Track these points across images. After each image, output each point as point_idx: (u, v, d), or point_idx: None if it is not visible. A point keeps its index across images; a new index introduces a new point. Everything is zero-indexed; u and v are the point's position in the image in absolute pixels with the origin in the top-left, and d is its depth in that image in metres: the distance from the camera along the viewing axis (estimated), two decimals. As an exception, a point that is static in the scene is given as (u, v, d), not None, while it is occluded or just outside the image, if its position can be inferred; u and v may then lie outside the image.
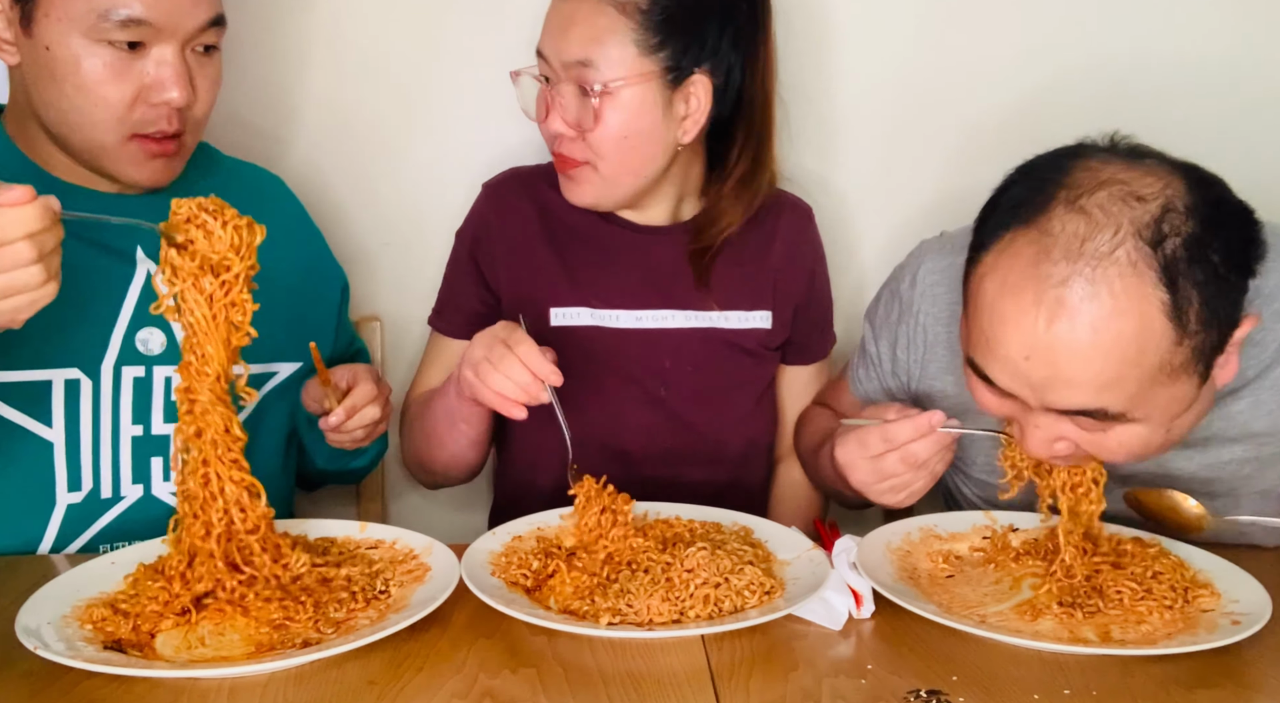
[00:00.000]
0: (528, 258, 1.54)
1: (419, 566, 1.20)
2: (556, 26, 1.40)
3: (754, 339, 1.56)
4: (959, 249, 1.39)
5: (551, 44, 1.41)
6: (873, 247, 1.84)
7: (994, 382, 1.12)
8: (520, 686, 1.00)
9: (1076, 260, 1.04)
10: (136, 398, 1.35)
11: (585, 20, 1.38)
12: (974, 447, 1.40)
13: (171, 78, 1.26)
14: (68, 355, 1.31)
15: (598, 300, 1.53)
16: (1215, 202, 1.07)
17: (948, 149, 1.81)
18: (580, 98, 1.40)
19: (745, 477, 1.62)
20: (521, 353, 1.25)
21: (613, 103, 1.39)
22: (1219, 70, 1.78)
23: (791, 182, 1.67)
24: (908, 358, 1.43)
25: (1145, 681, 1.01)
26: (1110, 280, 1.03)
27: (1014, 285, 1.07)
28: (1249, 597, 1.11)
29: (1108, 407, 1.08)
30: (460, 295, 1.58)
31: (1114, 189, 1.05)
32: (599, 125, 1.40)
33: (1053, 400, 1.09)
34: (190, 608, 1.08)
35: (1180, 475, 1.29)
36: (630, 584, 1.12)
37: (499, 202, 1.57)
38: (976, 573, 1.22)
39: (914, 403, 1.45)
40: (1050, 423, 1.12)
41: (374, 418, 1.35)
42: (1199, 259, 1.04)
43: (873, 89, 1.80)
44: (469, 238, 1.58)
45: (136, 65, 1.25)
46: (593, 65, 1.37)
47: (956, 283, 1.38)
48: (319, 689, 0.99)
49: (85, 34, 1.22)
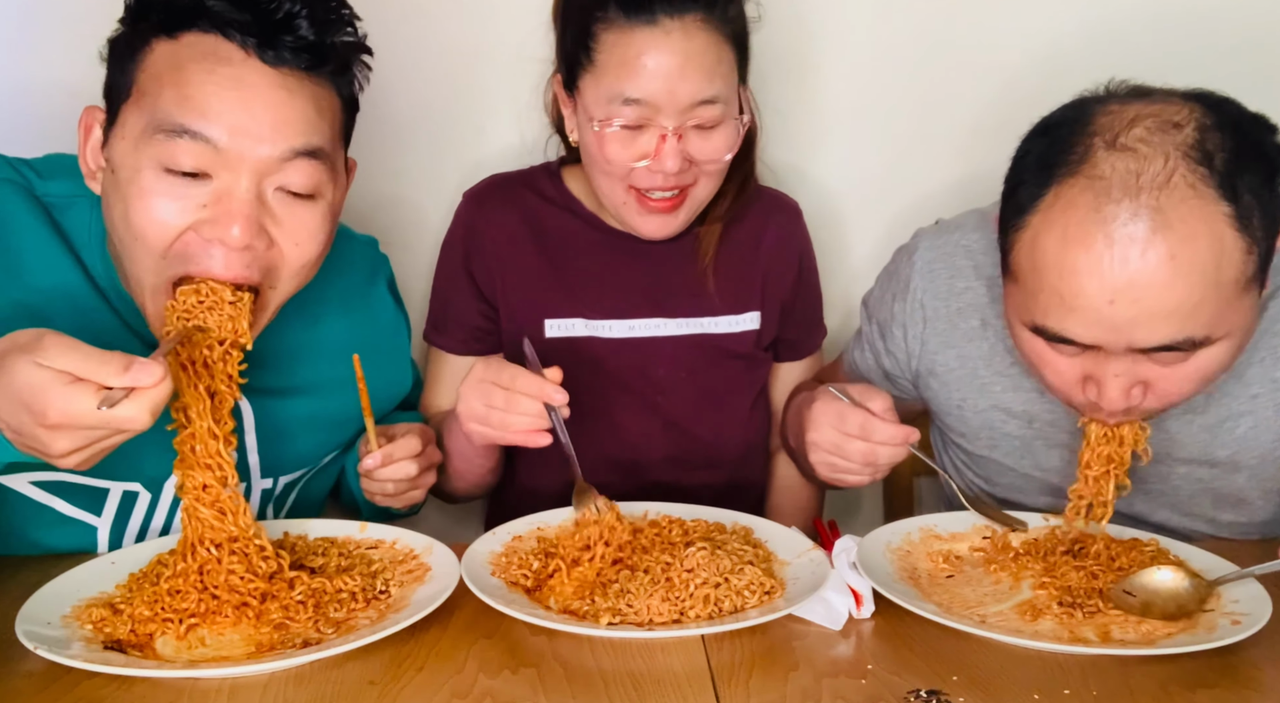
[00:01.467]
0: (520, 268, 1.54)
1: (419, 566, 1.20)
2: (665, 71, 1.34)
3: (745, 342, 1.56)
4: (954, 229, 1.42)
5: (661, 88, 1.35)
6: (865, 243, 1.85)
7: (1074, 340, 1.12)
8: (520, 686, 1.00)
9: (1138, 195, 1.05)
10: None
11: (699, 55, 1.35)
12: (976, 419, 1.41)
13: (231, 213, 1.09)
14: (131, 472, 1.24)
15: (591, 311, 1.53)
16: (1237, 116, 1.10)
17: (942, 144, 1.82)
18: (702, 132, 1.39)
19: (744, 479, 1.62)
20: (521, 387, 1.24)
21: (727, 128, 1.40)
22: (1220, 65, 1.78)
23: (782, 179, 1.67)
24: (904, 336, 1.44)
25: (1145, 681, 1.01)
26: (1176, 205, 1.04)
27: (1079, 235, 1.07)
28: (1249, 597, 1.11)
29: (1193, 335, 1.08)
30: (459, 310, 1.57)
31: (1147, 122, 1.08)
32: (719, 152, 1.41)
33: (1140, 339, 1.09)
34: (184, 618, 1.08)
35: (1183, 440, 1.31)
36: (630, 584, 1.12)
37: (485, 211, 1.56)
38: (976, 573, 1.22)
39: (915, 381, 1.46)
40: (1130, 366, 1.12)
41: (408, 474, 1.29)
42: (1247, 168, 1.06)
43: (866, 85, 1.80)
44: (460, 250, 1.56)
45: (194, 192, 1.09)
46: (717, 100, 1.37)
47: (954, 258, 1.40)
48: (319, 689, 0.99)
49: (142, 152, 1.09)
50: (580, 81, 1.40)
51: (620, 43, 1.35)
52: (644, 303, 1.53)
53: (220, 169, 1.09)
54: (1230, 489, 1.33)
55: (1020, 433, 1.39)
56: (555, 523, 1.30)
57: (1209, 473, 1.32)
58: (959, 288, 1.40)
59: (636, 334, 1.53)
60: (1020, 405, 1.37)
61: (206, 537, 1.12)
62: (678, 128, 1.37)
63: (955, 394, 1.41)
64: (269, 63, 1.11)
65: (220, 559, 1.12)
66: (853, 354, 1.56)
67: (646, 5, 1.33)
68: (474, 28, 1.73)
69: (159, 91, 1.10)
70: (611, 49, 1.35)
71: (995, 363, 1.38)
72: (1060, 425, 1.36)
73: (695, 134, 1.38)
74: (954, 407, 1.42)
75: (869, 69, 1.80)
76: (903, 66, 1.79)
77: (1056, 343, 1.14)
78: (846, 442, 1.24)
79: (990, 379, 1.38)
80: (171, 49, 1.11)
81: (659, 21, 1.33)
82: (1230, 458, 1.30)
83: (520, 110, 1.66)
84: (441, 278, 1.59)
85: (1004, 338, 1.36)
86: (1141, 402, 1.15)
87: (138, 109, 1.11)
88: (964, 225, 1.42)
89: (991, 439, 1.41)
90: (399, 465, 1.28)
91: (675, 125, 1.36)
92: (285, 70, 1.12)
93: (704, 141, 1.39)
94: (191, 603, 1.09)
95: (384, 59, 1.73)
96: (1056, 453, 1.38)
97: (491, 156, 1.73)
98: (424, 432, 1.34)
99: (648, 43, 1.34)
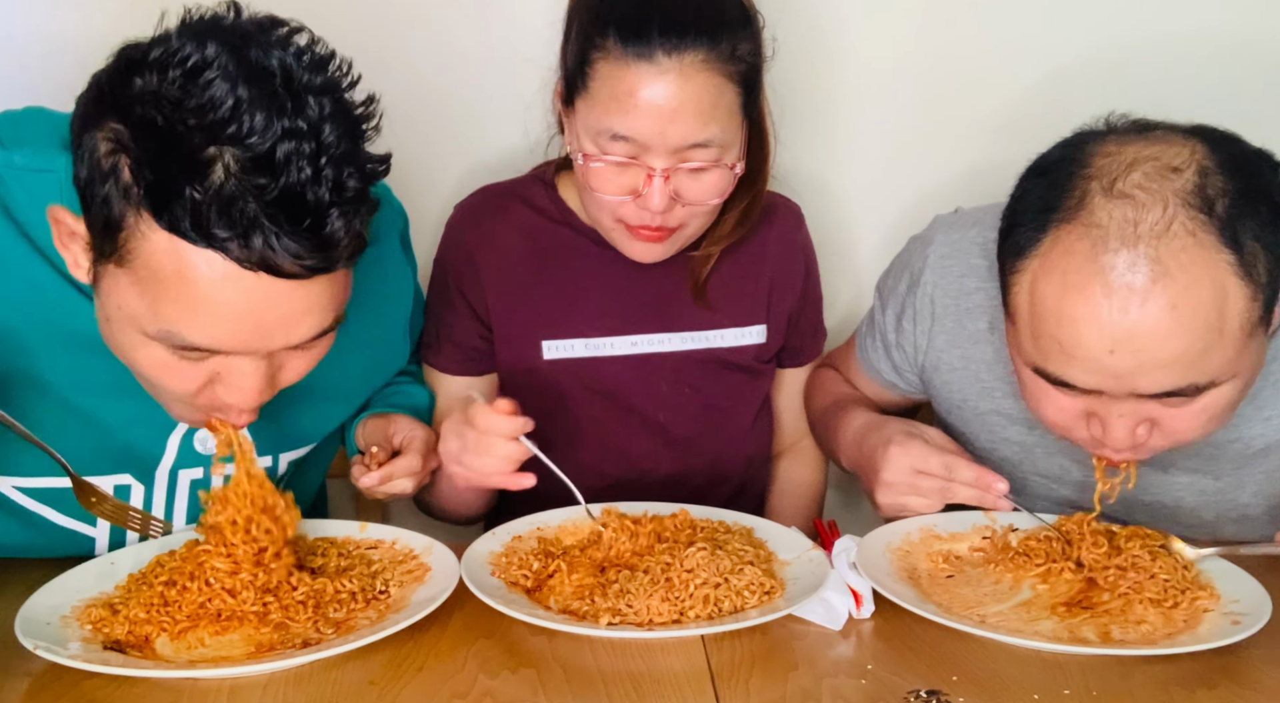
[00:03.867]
0: (516, 287, 1.48)
1: (419, 566, 1.20)
2: (657, 111, 1.28)
3: (749, 354, 1.54)
4: (972, 223, 1.38)
5: (651, 128, 1.29)
6: (869, 245, 1.84)
7: (1074, 385, 1.10)
8: (520, 686, 1.00)
9: (1136, 244, 1.03)
10: (192, 500, 1.27)
11: (694, 98, 1.28)
12: (976, 420, 1.40)
13: (243, 395, 1.06)
14: (119, 462, 1.21)
15: (591, 329, 1.48)
16: (1240, 155, 1.08)
17: (946, 145, 1.81)
18: (693, 173, 1.33)
19: (748, 491, 1.61)
20: (482, 425, 1.19)
21: (720, 171, 1.34)
22: (1216, 59, 1.79)
23: (786, 181, 1.67)
24: (914, 329, 1.42)
25: (1145, 681, 1.00)
26: (1175, 254, 1.02)
27: (1077, 283, 1.05)
28: (1249, 597, 1.11)
29: (1197, 381, 1.06)
30: (456, 330, 1.51)
31: (1145, 167, 1.05)
32: (707, 195, 1.35)
33: (1142, 387, 1.07)
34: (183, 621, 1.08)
35: (1187, 451, 1.29)
36: (630, 584, 1.12)
37: (478, 226, 1.50)
38: (976, 573, 1.22)
39: (920, 375, 1.45)
40: (1134, 409, 1.11)
41: (403, 490, 1.28)
42: (1249, 212, 1.04)
43: (870, 86, 1.80)
44: (452, 268, 1.50)
45: (201, 369, 1.04)
46: (712, 143, 1.31)
47: (968, 256, 1.37)
48: (319, 689, 0.99)
49: (148, 338, 1.02)
50: (576, 102, 1.35)
51: (614, 75, 1.29)
52: (646, 318, 1.49)
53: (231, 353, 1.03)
54: (1234, 504, 1.32)
55: (1021, 438, 1.38)
56: (555, 523, 1.30)
57: (1213, 486, 1.32)
58: (970, 287, 1.38)
59: (639, 351, 1.49)
60: (1021, 411, 1.37)
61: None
62: (666, 169, 1.30)
63: (957, 393, 1.41)
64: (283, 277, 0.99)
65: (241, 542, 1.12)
66: (864, 341, 1.53)
67: (645, 40, 1.27)
68: (473, 26, 1.73)
69: (159, 293, 0.98)
70: (605, 80, 1.29)
71: (998, 368, 1.37)
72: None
73: (686, 175, 1.32)
74: (955, 406, 1.42)
75: (876, 70, 1.79)
76: (910, 69, 1.79)
77: (1059, 387, 1.13)
78: (920, 479, 1.24)
79: (993, 383, 1.38)
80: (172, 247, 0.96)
81: (656, 59, 1.27)
82: (1236, 472, 1.30)
83: (524, 110, 1.66)
84: (434, 296, 1.53)
85: None
86: (1148, 440, 1.14)
87: (136, 292, 0.99)
88: (983, 221, 1.37)
89: (991, 441, 1.41)
90: (396, 483, 1.26)
91: (664, 166, 1.30)
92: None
93: (694, 183, 1.33)
94: (190, 605, 1.08)
95: (388, 61, 1.74)
96: (1056, 460, 1.37)
97: (496, 157, 1.72)
98: (426, 441, 1.30)
99: (641, 80, 1.27)
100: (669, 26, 1.27)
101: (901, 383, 1.49)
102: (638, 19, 1.28)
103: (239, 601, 1.09)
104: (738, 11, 1.33)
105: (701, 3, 1.31)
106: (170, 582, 1.11)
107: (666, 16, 1.28)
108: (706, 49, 1.28)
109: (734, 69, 1.31)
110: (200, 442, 1.24)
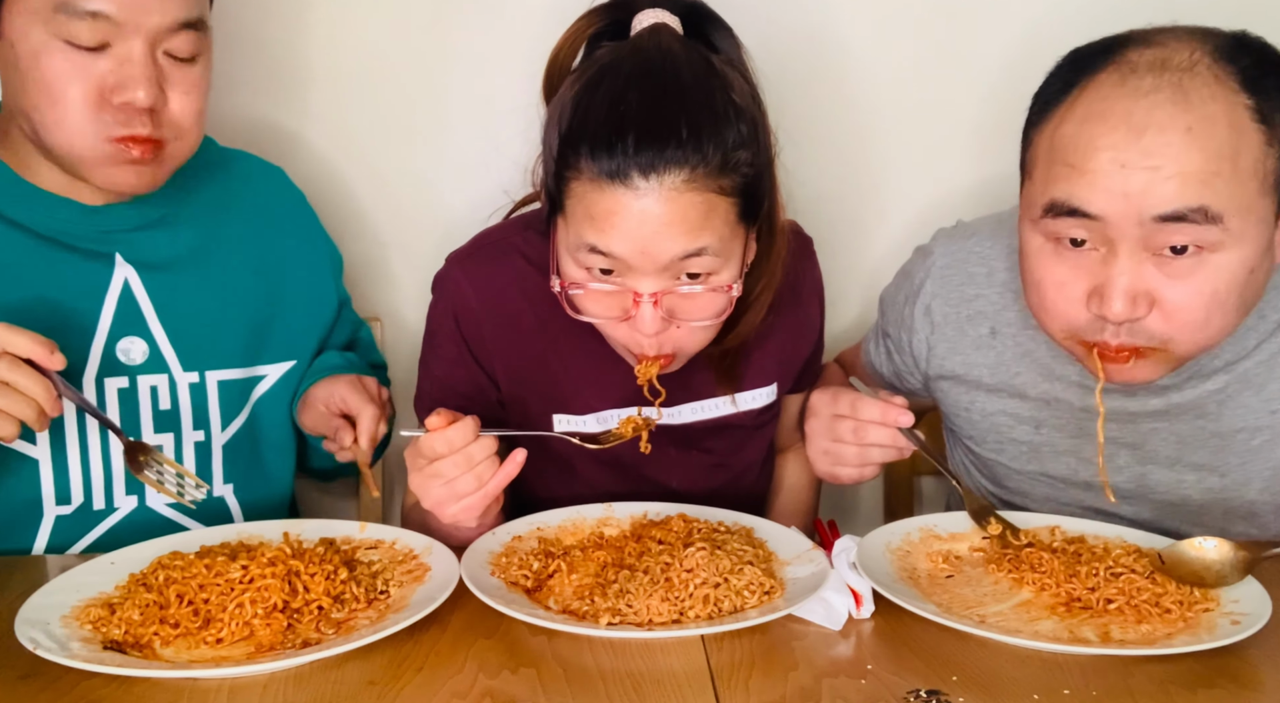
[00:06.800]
0: (523, 353, 1.38)
1: (419, 566, 1.20)
2: (637, 234, 1.16)
3: (761, 413, 1.48)
4: (971, 234, 1.42)
5: (633, 249, 1.16)
6: (878, 253, 1.84)
7: (1082, 208, 1.11)
8: (520, 686, 1.00)
9: (1162, 73, 1.09)
10: (123, 410, 1.31)
11: (681, 216, 1.15)
12: (984, 422, 1.41)
13: (134, 77, 1.18)
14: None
15: (602, 404, 1.39)
16: (1261, 43, 1.12)
17: (958, 145, 1.82)
18: (685, 296, 1.22)
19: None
20: (446, 447, 1.15)
21: (719, 292, 1.22)
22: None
23: (790, 195, 1.66)
24: (912, 339, 1.44)
25: (1145, 681, 1.00)
26: (1198, 88, 1.08)
27: (1101, 109, 1.11)
28: (1249, 597, 1.11)
29: (1208, 204, 1.08)
30: (464, 386, 1.39)
31: (1179, 31, 1.12)
32: (704, 313, 1.23)
33: (1151, 205, 1.08)
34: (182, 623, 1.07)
35: (1194, 444, 1.30)
36: (630, 584, 1.12)
37: (477, 280, 1.37)
38: (976, 573, 1.22)
39: (925, 383, 1.46)
40: (1136, 268, 1.11)
41: (383, 431, 1.32)
42: (1273, 72, 1.09)
43: (876, 89, 1.80)
44: (455, 332, 1.38)
45: (99, 63, 1.18)
46: (705, 252, 1.18)
47: (968, 265, 1.40)
48: (319, 689, 0.99)
49: (46, 28, 1.16)
50: (555, 221, 1.24)
51: (588, 197, 1.16)
52: (664, 389, 1.33)
53: (118, 38, 1.18)
54: (1242, 501, 1.32)
55: (1028, 438, 1.38)
56: (555, 523, 1.30)
57: (1219, 482, 1.32)
58: (970, 295, 1.40)
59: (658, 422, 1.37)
60: (1027, 411, 1.37)
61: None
62: (654, 294, 1.19)
63: (963, 398, 1.42)
64: None
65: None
66: (869, 345, 1.57)
67: (619, 160, 1.13)
68: (477, 32, 1.73)
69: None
70: (580, 200, 1.17)
71: (1001, 372, 1.38)
72: (1067, 431, 1.36)
73: (677, 296, 1.21)
74: (962, 409, 1.43)
75: (880, 78, 1.80)
76: (907, 67, 1.79)
77: (1064, 218, 1.12)
78: (836, 423, 1.24)
79: (997, 386, 1.39)
80: None
81: (632, 182, 1.14)
82: (1242, 467, 1.30)
83: (532, 119, 1.65)
84: (438, 361, 1.41)
85: (1013, 346, 1.37)
86: (1146, 317, 1.12)
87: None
88: (980, 232, 1.42)
89: (999, 443, 1.41)
90: (376, 432, 1.34)
91: (653, 289, 1.18)
92: None
93: (688, 303, 1.21)
94: (188, 608, 1.08)
95: (387, 64, 1.74)
96: (1064, 461, 1.37)
97: (490, 156, 1.72)
98: (358, 389, 1.36)
99: (619, 202, 1.15)
100: (644, 143, 1.13)
101: (905, 388, 1.51)
102: (608, 136, 1.14)
103: (247, 613, 1.08)
104: (728, 114, 1.17)
105: (682, 111, 1.15)
106: (179, 596, 1.09)
107: (641, 131, 1.13)
108: (690, 167, 1.14)
109: (727, 182, 1.17)
110: (123, 352, 1.31)
